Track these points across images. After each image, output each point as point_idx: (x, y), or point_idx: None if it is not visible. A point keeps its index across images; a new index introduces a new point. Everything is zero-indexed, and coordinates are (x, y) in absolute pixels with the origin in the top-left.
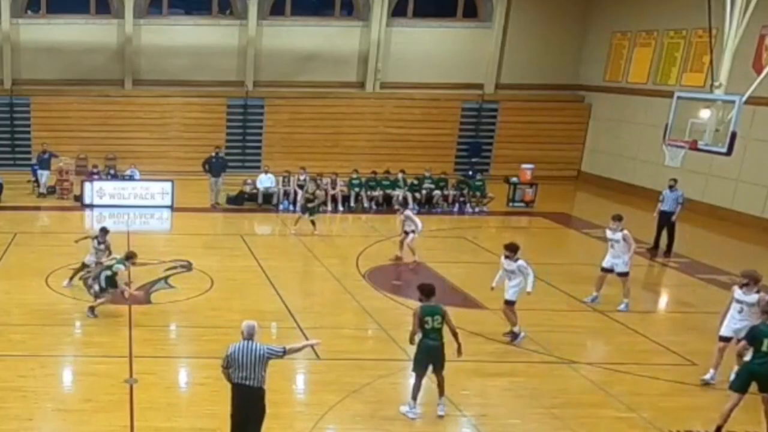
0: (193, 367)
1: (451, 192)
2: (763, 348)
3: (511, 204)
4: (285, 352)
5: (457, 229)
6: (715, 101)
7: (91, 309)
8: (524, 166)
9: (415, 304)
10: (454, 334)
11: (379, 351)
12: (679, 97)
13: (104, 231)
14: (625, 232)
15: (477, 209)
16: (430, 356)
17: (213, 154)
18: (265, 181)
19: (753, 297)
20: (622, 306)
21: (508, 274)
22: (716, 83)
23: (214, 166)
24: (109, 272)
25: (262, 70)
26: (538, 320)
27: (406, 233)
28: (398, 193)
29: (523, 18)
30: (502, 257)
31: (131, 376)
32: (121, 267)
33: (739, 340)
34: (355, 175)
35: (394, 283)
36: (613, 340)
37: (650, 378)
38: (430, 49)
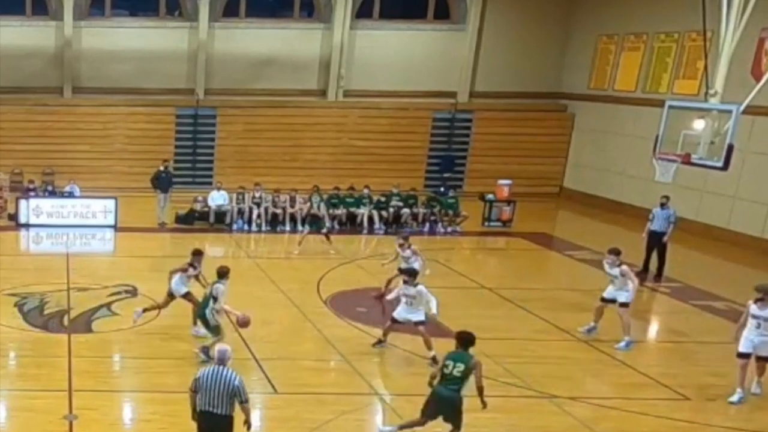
0: (139, 402)
1: (421, 210)
2: None
3: (486, 223)
4: (247, 402)
5: (427, 250)
6: (710, 111)
7: (206, 349)
8: (501, 181)
9: (380, 332)
10: (479, 389)
11: (342, 384)
12: (670, 107)
13: (200, 254)
14: (624, 267)
15: (449, 229)
16: (440, 406)
17: (161, 168)
18: (217, 199)
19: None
20: (622, 344)
21: (409, 300)
22: (711, 91)
23: (163, 182)
24: (213, 304)
25: (214, 77)
26: (517, 350)
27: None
28: (363, 212)
29: (499, 20)
30: (401, 281)
31: (71, 411)
32: (221, 287)
33: (758, 357)
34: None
35: (359, 310)
36: (598, 372)
37: (639, 414)
38: (398, 53)
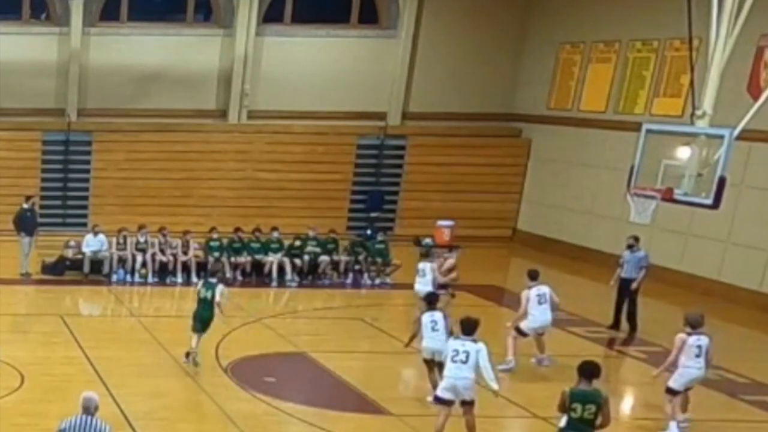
0: None
1: (344, 258)
2: None
3: None
4: None
5: (350, 307)
6: (698, 136)
7: None
8: (441, 223)
9: (295, 408)
10: (602, 425)
11: None
12: (648, 131)
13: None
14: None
15: (378, 281)
16: None
17: (25, 206)
18: (92, 244)
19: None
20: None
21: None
22: (699, 112)
23: (27, 223)
24: None
25: (89, 95)
26: (462, 429)
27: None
28: (272, 259)
29: (438, 24)
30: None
31: None
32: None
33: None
34: (214, 236)
35: (267, 381)
36: None
37: None
38: (314, 66)
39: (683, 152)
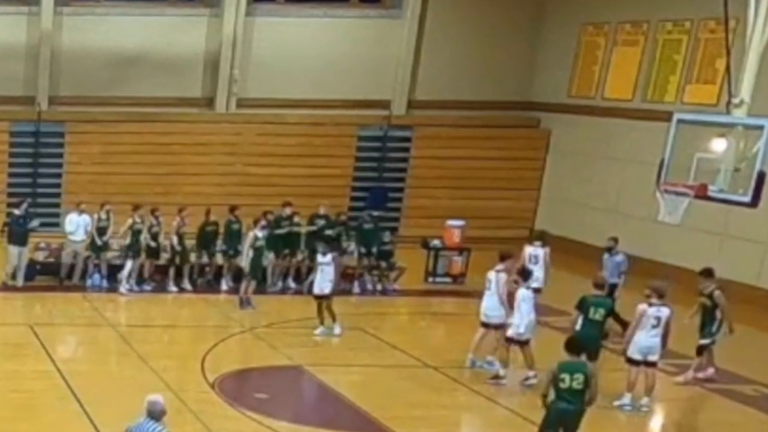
0: None
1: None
2: None
3: (431, 279)
4: None
5: (351, 315)
6: (734, 127)
7: None
8: (450, 222)
9: (289, 427)
10: (590, 401)
11: None
12: (680, 121)
13: None
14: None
15: (380, 287)
16: (560, 422)
17: (19, 212)
18: (81, 225)
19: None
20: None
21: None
22: (735, 100)
23: (21, 231)
24: None
25: (61, 81)
26: None
27: None
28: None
29: (448, 3)
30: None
31: None
32: None
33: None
34: (208, 228)
35: (258, 397)
36: None
37: None
38: (310, 49)
39: (718, 144)
